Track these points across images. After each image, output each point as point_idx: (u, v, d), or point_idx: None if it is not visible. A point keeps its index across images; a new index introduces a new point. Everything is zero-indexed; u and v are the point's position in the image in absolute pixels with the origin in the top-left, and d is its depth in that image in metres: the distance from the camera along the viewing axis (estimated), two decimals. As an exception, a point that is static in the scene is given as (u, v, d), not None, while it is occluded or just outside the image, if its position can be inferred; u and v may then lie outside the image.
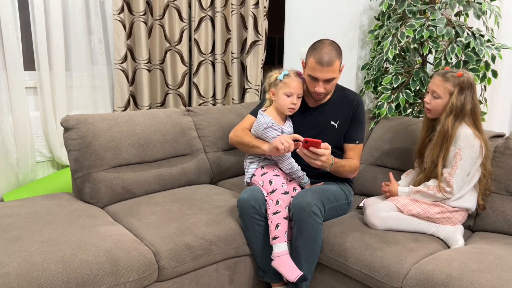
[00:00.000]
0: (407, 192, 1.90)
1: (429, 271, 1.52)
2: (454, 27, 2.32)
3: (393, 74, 2.47)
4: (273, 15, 3.01)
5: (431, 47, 2.36)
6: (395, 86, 2.45)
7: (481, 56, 2.26)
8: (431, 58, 2.58)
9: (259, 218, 1.84)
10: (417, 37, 2.30)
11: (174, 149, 2.25)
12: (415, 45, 2.48)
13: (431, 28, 2.30)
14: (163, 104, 2.79)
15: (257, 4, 2.85)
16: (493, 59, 2.32)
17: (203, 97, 2.87)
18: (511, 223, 1.85)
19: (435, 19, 2.32)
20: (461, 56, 2.32)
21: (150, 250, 1.65)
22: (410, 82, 2.43)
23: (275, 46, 3.17)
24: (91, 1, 2.46)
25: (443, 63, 2.30)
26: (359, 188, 2.35)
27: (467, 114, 1.80)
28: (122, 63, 2.50)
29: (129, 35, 2.56)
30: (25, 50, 2.30)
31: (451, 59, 2.27)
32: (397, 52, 2.41)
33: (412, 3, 2.45)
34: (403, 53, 2.59)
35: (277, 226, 1.79)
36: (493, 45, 2.32)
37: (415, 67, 2.52)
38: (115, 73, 2.52)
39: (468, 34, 2.31)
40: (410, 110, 2.59)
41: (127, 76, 2.54)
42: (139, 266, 1.57)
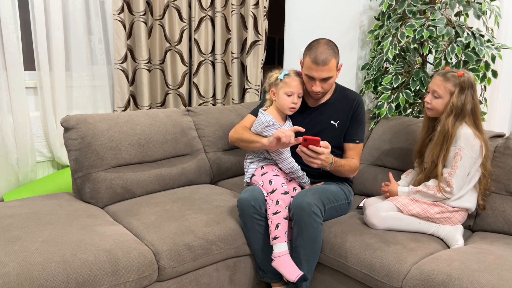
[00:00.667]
0: (407, 192, 1.90)
1: (429, 271, 1.52)
2: (454, 27, 2.32)
3: (393, 74, 2.47)
4: (273, 15, 3.01)
5: (431, 47, 2.36)
6: (395, 86, 2.45)
7: (481, 56, 2.26)
8: (431, 58, 2.58)
9: (259, 218, 1.84)
10: (417, 37, 2.30)
11: (174, 149, 2.25)
12: (415, 45, 2.48)
13: (431, 28, 2.30)
14: (163, 104, 2.79)
15: (257, 4, 2.85)
16: (493, 59, 2.32)
17: (203, 97, 2.87)
18: (511, 223, 1.85)
19: (435, 19, 2.32)
20: (461, 56, 2.32)
21: (150, 250, 1.65)
22: (410, 82, 2.43)
23: (275, 46, 3.17)
24: (91, 1, 2.46)
25: (443, 63, 2.31)
26: (359, 188, 2.35)
27: (468, 114, 1.80)
28: (122, 63, 2.50)
29: (129, 35, 2.56)
30: (25, 50, 2.30)
31: (451, 59, 2.28)
32: (397, 52, 2.42)
33: (412, 3, 2.45)
34: (403, 53, 2.59)
35: (277, 226, 1.79)
36: (493, 45, 2.32)
37: (415, 67, 2.52)
38: (115, 73, 2.51)
39: (468, 34, 2.32)
40: (410, 110, 2.59)
41: (127, 76, 2.54)
42: (139, 266, 1.57)
